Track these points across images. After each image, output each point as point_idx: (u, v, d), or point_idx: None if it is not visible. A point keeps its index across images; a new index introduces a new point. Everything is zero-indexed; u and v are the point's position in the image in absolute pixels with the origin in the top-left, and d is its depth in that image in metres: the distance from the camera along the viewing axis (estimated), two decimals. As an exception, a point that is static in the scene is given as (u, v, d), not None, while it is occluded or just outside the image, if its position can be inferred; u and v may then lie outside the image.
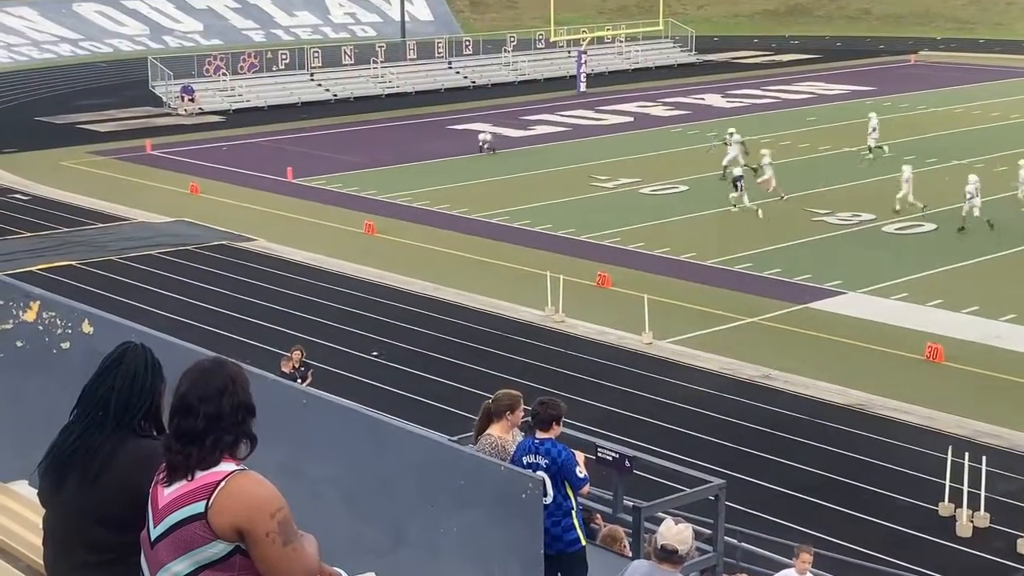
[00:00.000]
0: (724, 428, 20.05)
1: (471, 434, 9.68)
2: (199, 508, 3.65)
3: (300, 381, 16.75)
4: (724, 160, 37.29)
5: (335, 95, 57.97)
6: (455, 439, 9.49)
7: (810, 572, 12.22)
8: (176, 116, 53.35)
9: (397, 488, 5.84)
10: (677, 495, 11.05)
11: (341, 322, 25.28)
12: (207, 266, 29.78)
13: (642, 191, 37.16)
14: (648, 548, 7.69)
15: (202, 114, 53.67)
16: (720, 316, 25.51)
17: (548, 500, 8.59)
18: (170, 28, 78.37)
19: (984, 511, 16.75)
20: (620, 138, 46.93)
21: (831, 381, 22.04)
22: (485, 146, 43.65)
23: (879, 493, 17.82)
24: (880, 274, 28.10)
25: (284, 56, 59.24)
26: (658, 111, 53.56)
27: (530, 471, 7.73)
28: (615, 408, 20.71)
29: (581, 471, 8.96)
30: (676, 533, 6.87)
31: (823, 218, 33.40)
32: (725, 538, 11.47)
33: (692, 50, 71.27)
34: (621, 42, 69.63)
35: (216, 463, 3.70)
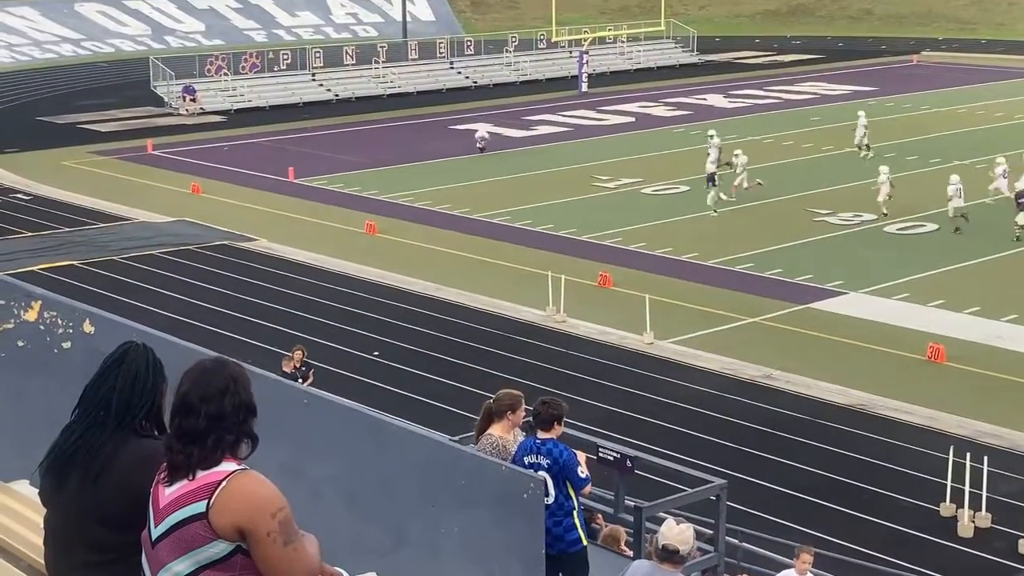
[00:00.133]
0: (725, 428, 20.04)
1: (472, 434, 9.68)
2: (200, 508, 3.65)
3: (301, 381, 16.75)
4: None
5: (337, 95, 57.97)
6: (456, 439, 9.49)
7: (810, 572, 12.22)
8: (178, 116, 53.37)
9: (398, 488, 5.84)
10: (679, 495, 11.04)
11: (342, 322, 25.28)
12: (208, 266, 29.79)
13: (644, 191, 37.15)
14: (649, 548, 7.68)
15: (203, 114, 53.67)
16: (721, 316, 25.50)
17: (550, 500, 8.59)
18: (172, 28, 78.40)
19: (986, 511, 16.74)
20: (622, 138, 46.93)
21: (832, 381, 22.03)
22: (480, 143, 43.62)
23: (880, 493, 17.81)
24: (882, 274, 28.09)
25: (286, 56, 59.26)
26: (660, 111, 53.56)
27: (531, 471, 7.73)
28: (616, 408, 20.71)
29: (583, 471, 8.96)
30: (677, 533, 6.87)
31: (824, 218, 33.38)
32: (726, 538, 11.47)
33: (694, 50, 71.26)
34: (623, 42, 69.62)
35: (217, 463, 3.70)
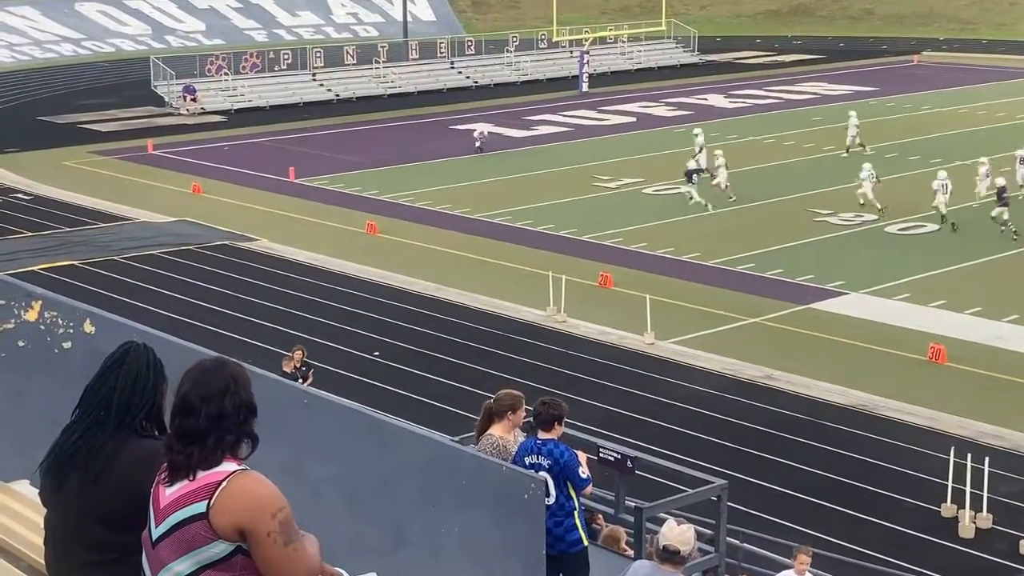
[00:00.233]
0: (726, 428, 20.03)
1: (473, 434, 9.67)
2: (200, 508, 3.65)
3: (301, 381, 16.74)
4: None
5: (337, 95, 57.96)
6: (457, 439, 9.48)
7: (809, 572, 12.21)
8: (178, 116, 53.36)
9: (398, 488, 5.84)
10: (679, 496, 11.02)
11: (343, 322, 25.28)
12: (209, 266, 29.78)
13: (645, 191, 37.14)
14: (650, 549, 7.67)
15: (204, 114, 53.67)
16: (722, 316, 25.49)
17: (551, 501, 8.57)
18: (172, 28, 78.39)
19: (987, 512, 16.73)
20: (622, 138, 46.92)
21: (833, 382, 22.02)
22: (478, 142, 43.52)
23: (881, 494, 17.80)
24: (883, 275, 28.08)
25: (286, 56, 59.25)
26: (660, 111, 53.54)
27: (532, 471, 7.72)
28: (616, 408, 20.70)
29: (584, 471, 8.95)
30: (678, 534, 6.86)
31: (825, 218, 33.38)
32: (727, 539, 11.45)
33: (695, 50, 71.24)
34: (624, 42, 69.60)
35: (218, 463, 3.70)
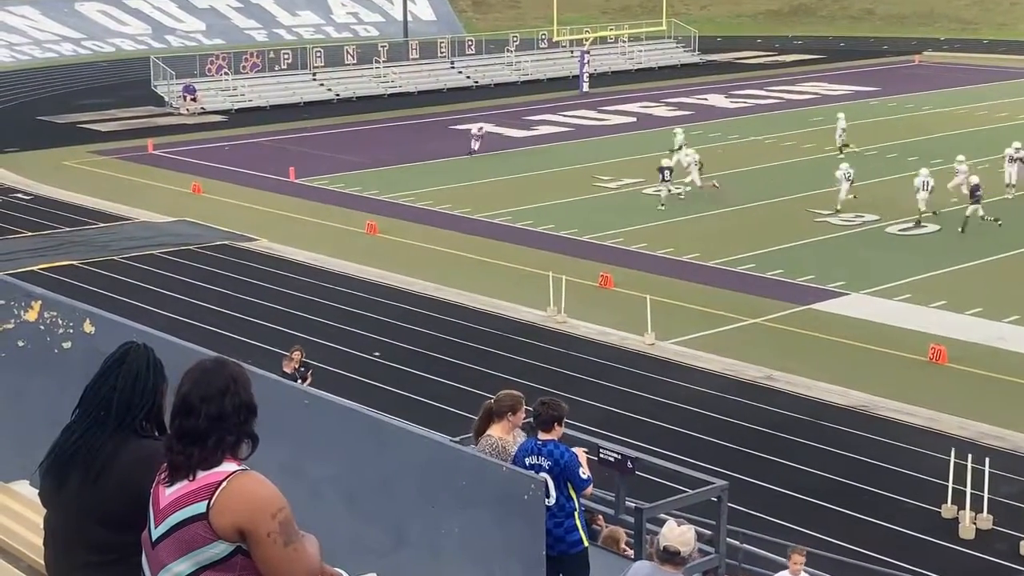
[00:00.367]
0: (726, 429, 20.02)
1: (472, 435, 9.65)
2: (200, 508, 3.64)
3: (300, 381, 16.72)
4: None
5: (337, 95, 57.96)
6: (457, 439, 9.47)
7: (804, 572, 12.21)
8: (178, 116, 53.36)
9: (398, 488, 5.83)
10: (680, 496, 11.01)
11: (342, 322, 25.27)
12: (209, 266, 29.78)
13: (645, 191, 37.11)
14: (650, 550, 7.66)
15: (204, 114, 53.67)
16: (722, 317, 25.48)
17: (551, 501, 8.56)
18: (172, 28, 78.40)
19: (987, 513, 16.72)
20: (623, 138, 46.91)
21: (833, 382, 22.01)
22: (475, 143, 43.31)
23: (881, 495, 17.78)
24: (883, 275, 28.07)
25: (286, 56, 59.26)
26: (661, 111, 53.53)
27: (532, 472, 7.71)
28: (616, 409, 20.69)
29: (584, 472, 8.93)
30: (679, 535, 6.84)
31: (826, 219, 33.38)
32: (727, 539, 11.44)
33: (695, 50, 71.24)
34: (624, 42, 69.59)
35: (218, 463, 3.69)
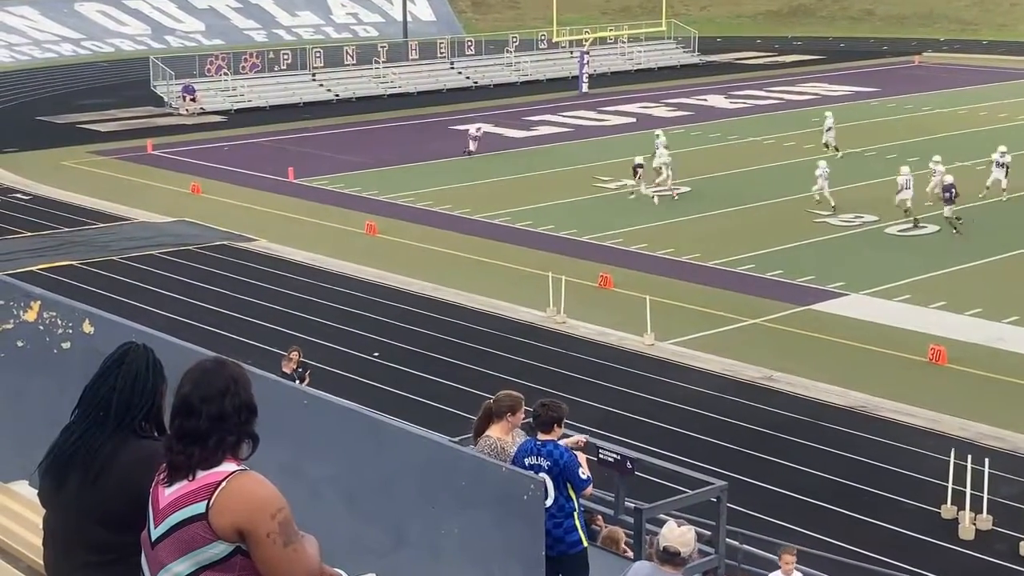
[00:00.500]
0: (725, 429, 20.01)
1: (471, 435, 9.65)
2: (200, 508, 3.64)
3: (298, 382, 16.72)
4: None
5: (337, 95, 57.96)
6: (456, 440, 9.46)
7: (797, 572, 12.21)
8: (177, 116, 53.35)
9: (398, 489, 5.83)
10: (679, 497, 11.01)
11: (341, 322, 25.26)
12: (208, 266, 29.77)
13: (645, 192, 37.05)
14: (650, 550, 7.65)
15: (203, 114, 53.66)
16: (722, 317, 25.48)
17: (550, 502, 8.56)
18: (172, 28, 78.40)
19: (987, 514, 16.71)
20: (622, 139, 46.89)
21: (833, 383, 22.01)
22: (473, 144, 43.22)
23: (881, 495, 17.78)
24: (883, 276, 28.06)
25: (286, 56, 59.25)
26: (661, 112, 53.52)
27: (531, 472, 7.70)
28: (616, 409, 20.68)
29: (584, 472, 8.94)
30: (679, 535, 6.83)
31: (826, 219, 33.37)
32: (726, 540, 11.44)
33: (695, 51, 71.22)
34: (624, 43, 69.59)
35: (218, 463, 3.69)
